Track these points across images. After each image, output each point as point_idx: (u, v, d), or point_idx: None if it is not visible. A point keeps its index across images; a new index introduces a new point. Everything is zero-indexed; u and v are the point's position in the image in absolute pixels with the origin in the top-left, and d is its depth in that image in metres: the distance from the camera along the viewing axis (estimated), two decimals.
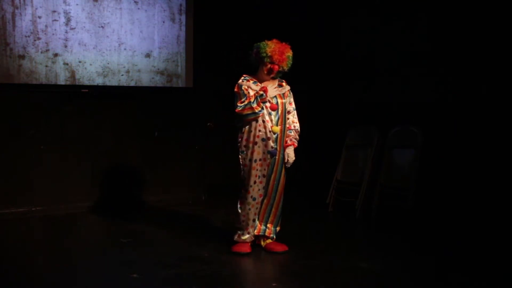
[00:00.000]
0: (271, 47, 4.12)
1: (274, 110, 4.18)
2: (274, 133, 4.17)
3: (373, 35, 6.14)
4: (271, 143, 4.17)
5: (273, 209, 4.31)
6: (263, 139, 4.16)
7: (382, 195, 5.52)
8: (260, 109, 4.12)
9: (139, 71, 5.87)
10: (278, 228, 4.38)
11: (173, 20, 6.02)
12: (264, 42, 4.17)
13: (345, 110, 6.35)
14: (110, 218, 5.41)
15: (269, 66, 4.14)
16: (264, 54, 4.11)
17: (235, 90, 4.20)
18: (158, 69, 5.98)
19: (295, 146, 4.29)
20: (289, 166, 4.29)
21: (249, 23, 6.39)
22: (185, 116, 6.22)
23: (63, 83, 5.49)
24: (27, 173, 5.39)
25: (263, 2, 6.51)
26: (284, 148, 4.25)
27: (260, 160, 4.17)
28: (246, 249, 4.23)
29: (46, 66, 5.39)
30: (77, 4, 5.49)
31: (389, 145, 5.64)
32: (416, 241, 4.70)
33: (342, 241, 4.78)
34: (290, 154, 4.24)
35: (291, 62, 4.20)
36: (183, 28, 6.08)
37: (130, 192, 5.92)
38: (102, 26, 5.63)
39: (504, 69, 4.94)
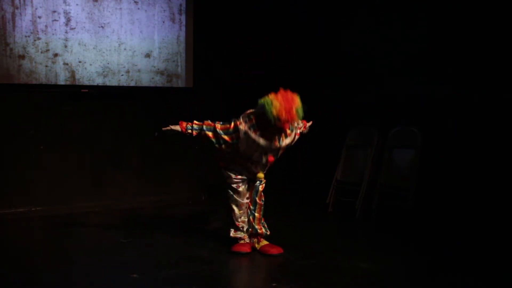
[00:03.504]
0: (276, 107, 3.74)
1: (270, 161, 4.19)
2: (257, 178, 4.27)
3: (373, 35, 6.13)
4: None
5: (257, 209, 4.30)
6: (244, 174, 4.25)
7: (382, 195, 5.52)
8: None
9: (139, 71, 5.87)
10: (263, 221, 4.34)
11: (173, 20, 6.02)
12: (268, 100, 3.80)
13: (345, 110, 6.35)
14: (110, 218, 5.41)
15: (279, 127, 3.85)
16: (271, 117, 3.76)
17: (231, 124, 4.11)
18: (158, 69, 5.97)
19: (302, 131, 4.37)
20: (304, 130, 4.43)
21: (249, 23, 6.39)
22: (185, 116, 6.16)
23: (63, 83, 5.49)
24: (27, 173, 5.39)
25: (263, 2, 6.51)
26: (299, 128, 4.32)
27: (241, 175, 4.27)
28: (246, 249, 4.23)
29: (46, 66, 5.39)
30: (77, 4, 5.50)
31: (389, 145, 5.64)
32: (416, 241, 4.70)
33: (342, 241, 4.78)
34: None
35: (302, 112, 3.84)
36: (183, 28, 6.08)
37: (130, 192, 5.91)
38: (102, 26, 5.63)
39: (505, 69, 4.94)
